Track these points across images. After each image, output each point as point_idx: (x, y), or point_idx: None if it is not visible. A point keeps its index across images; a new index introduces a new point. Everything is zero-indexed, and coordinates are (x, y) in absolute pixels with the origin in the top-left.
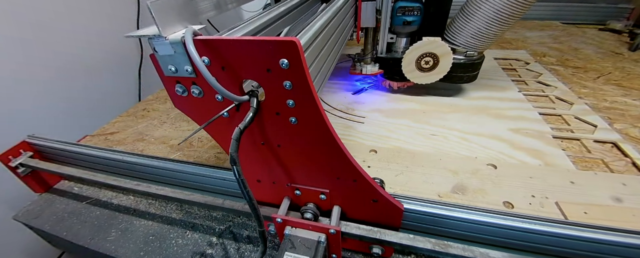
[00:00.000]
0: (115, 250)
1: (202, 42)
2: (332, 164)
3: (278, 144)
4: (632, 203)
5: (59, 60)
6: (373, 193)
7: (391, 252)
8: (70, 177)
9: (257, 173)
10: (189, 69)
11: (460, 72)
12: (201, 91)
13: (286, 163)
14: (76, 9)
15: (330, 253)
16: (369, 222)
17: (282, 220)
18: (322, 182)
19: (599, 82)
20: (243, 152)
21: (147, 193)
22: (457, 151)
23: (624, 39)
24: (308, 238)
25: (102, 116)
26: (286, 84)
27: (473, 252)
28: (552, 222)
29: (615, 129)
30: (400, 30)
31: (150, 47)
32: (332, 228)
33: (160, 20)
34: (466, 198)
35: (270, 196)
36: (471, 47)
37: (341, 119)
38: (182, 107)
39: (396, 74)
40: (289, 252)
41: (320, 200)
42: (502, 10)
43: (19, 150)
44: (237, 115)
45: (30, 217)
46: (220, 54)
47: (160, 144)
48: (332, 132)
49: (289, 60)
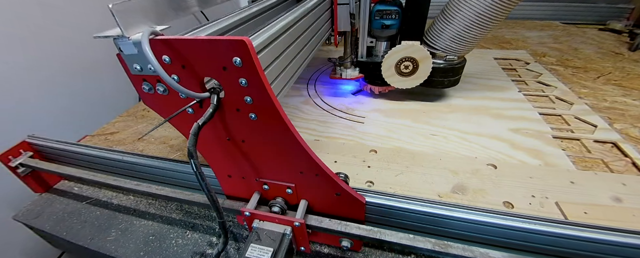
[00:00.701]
0: (115, 250)
1: (161, 41)
2: (294, 159)
3: (242, 140)
4: (632, 203)
5: (59, 60)
6: (335, 187)
7: (360, 245)
8: (70, 177)
9: (227, 169)
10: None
11: (441, 76)
12: (166, 88)
13: (252, 158)
14: (76, 8)
15: (298, 246)
16: (336, 216)
17: (250, 214)
18: (287, 177)
19: (599, 82)
20: (212, 148)
21: (147, 193)
22: (457, 151)
23: (624, 39)
24: (274, 230)
25: (102, 116)
26: (242, 81)
27: (473, 252)
28: (552, 222)
29: (615, 129)
30: (379, 34)
31: (116, 46)
32: (296, 221)
33: (122, 21)
34: (466, 198)
35: (241, 191)
36: (451, 51)
37: (341, 118)
38: (150, 104)
39: (377, 78)
40: (255, 244)
41: (287, 194)
42: (483, 14)
43: (19, 150)
44: (201, 111)
45: (30, 217)
46: (180, 53)
47: (160, 144)
48: (289, 128)
49: (242, 59)
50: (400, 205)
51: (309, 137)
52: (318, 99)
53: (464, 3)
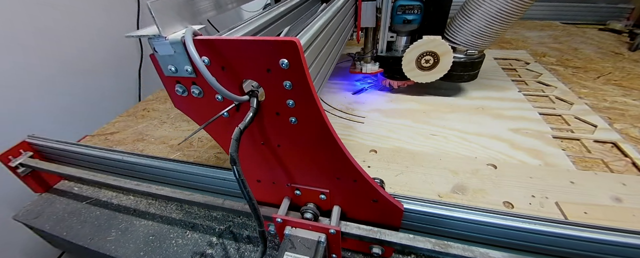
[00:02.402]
0: (115, 250)
1: (201, 42)
2: (332, 164)
3: (278, 144)
4: (632, 203)
5: (59, 60)
6: (373, 193)
7: (391, 252)
8: (70, 177)
9: (257, 174)
10: (189, 69)
11: (461, 70)
12: (201, 91)
13: (286, 163)
14: (76, 8)
15: (330, 253)
16: (369, 222)
17: (282, 220)
18: (322, 182)
19: (599, 82)
20: (243, 152)
21: (147, 193)
22: (457, 151)
23: (624, 39)
24: (308, 238)
25: (102, 116)
26: (286, 84)
27: (473, 252)
28: (552, 222)
29: (615, 129)
30: (401, 29)
31: (150, 47)
32: (332, 228)
33: (160, 20)
34: (466, 198)
35: (270, 196)
36: (471, 45)
37: (341, 118)
38: (182, 107)
39: (396, 72)
40: (289, 252)
41: (320, 200)
42: (503, 9)
43: (19, 150)
44: (237, 115)
45: (30, 217)
46: (220, 54)
47: (160, 144)
48: (332, 132)
49: (289, 60)
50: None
51: None
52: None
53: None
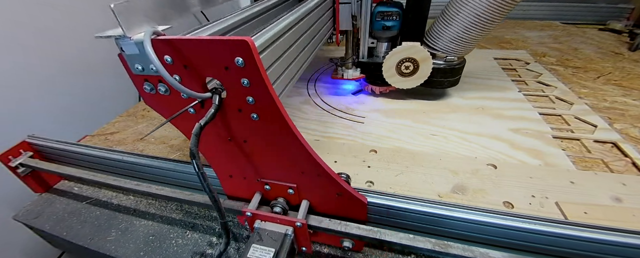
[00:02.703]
0: (115, 250)
1: (163, 41)
2: (295, 159)
3: (244, 140)
4: (632, 203)
5: (59, 60)
6: (337, 187)
7: (361, 245)
8: (70, 177)
9: (229, 169)
10: (154, 68)
11: (441, 77)
12: (167, 89)
13: (254, 158)
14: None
15: (299, 246)
16: (337, 216)
17: (252, 214)
18: (289, 177)
19: (599, 82)
20: (214, 148)
21: (147, 193)
22: (457, 151)
23: (624, 39)
24: (276, 231)
25: (102, 116)
26: (244, 81)
27: (473, 252)
28: (552, 222)
29: (615, 129)
30: (380, 35)
31: (118, 46)
32: (298, 222)
33: (124, 21)
34: (466, 198)
35: (243, 191)
36: (451, 52)
37: (341, 119)
38: (151, 104)
39: (377, 78)
40: (256, 244)
41: (288, 194)
42: (482, 15)
43: (19, 150)
44: (203, 111)
45: (30, 217)
46: (181, 53)
47: (160, 144)
48: (291, 128)
49: (244, 59)
50: (402, 205)
51: (309, 137)
52: (318, 99)
53: (463, 5)
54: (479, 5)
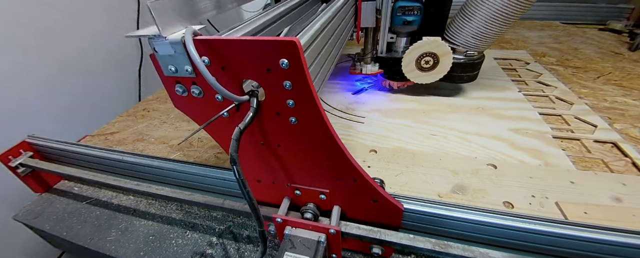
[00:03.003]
0: (115, 250)
1: (202, 42)
2: (332, 164)
3: (278, 144)
4: (632, 203)
5: (59, 60)
6: (373, 193)
7: (391, 252)
8: (70, 177)
9: (257, 174)
10: (189, 69)
11: (460, 71)
12: (201, 91)
13: (286, 163)
14: (76, 8)
15: (330, 253)
16: (369, 222)
17: (282, 220)
18: (322, 182)
19: (599, 82)
20: (243, 152)
21: (147, 193)
22: (457, 151)
23: (624, 39)
24: (308, 238)
25: (102, 116)
26: (286, 84)
27: (473, 252)
28: (552, 222)
29: (615, 128)
30: (400, 30)
31: (150, 47)
32: (332, 228)
33: (160, 20)
34: (466, 198)
35: (270, 196)
36: (471, 46)
37: (341, 118)
38: (182, 107)
39: (396, 73)
40: (289, 252)
41: (320, 200)
42: (502, 10)
43: (19, 150)
44: (237, 115)
45: (30, 217)
46: (220, 54)
47: (160, 144)
48: (332, 133)
49: (289, 60)
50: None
51: None
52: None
53: (484, 1)
54: (499, 1)
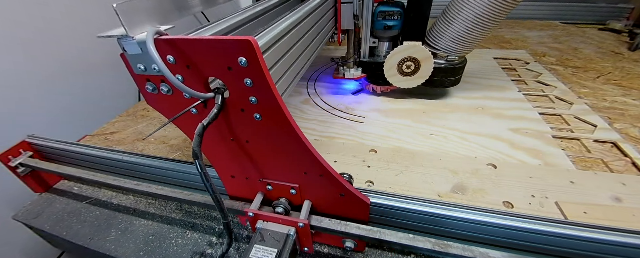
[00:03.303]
0: (115, 250)
1: (166, 42)
2: (298, 160)
3: (246, 140)
4: (632, 203)
5: (59, 60)
6: (339, 188)
7: (363, 245)
8: (70, 177)
9: (231, 169)
10: (157, 68)
11: (442, 76)
12: (170, 89)
13: (256, 159)
14: (76, 8)
15: (301, 247)
16: (339, 216)
17: (254, 215)
18: (291, 177)
19: (599, 82)
20: (216, 149)
21: (147, 193)
22: (457, 151)
23: (624, 39)
24: (278, 231)
25: (102, 116)
26: (247, 81)
27: (473, 252)
28: (552, 222)
29: (615, 128)
30: (382, 35)
31: (120, 46)
32: (301, 222)
33: (126, 21)
34: (466, 198)
35: (245, 191)
36: (452, 51)
37: (341, 119)
38: (154, 104)
39: (379, 78)
40: (259, 245)
41: (291, 195)
42: (483, 15)
43: (19, 150)
44: (206, 112)
45: (30, 217)
46: (184, 53)
47: (160, 144)
48: (295, 128)
49: (247, 59)
50: (402, 205)
51: (310, 137)
52: (318, 99)
53: (465, 5)
54: (480, 5)
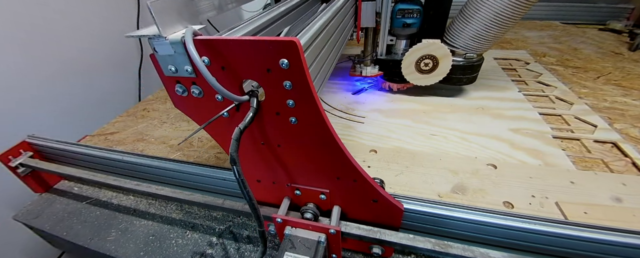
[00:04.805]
0: (115, 250)
1: (202, 42)
2: (332, 164)
3: (278, 144)
4: (632, 203)
5: (59, 60)
6: (373, 193)
7: (391, 251)
8: (70, 177)
9: (257, 174)
10: (189, 69)
11: (460, 74)
12: (201, 91)
13: (286, 163)
14: (76, 8)
15: (330, 254)
16: (369, 222)
17: (282, 220)
18: (322, 182)
19: (599, 82)
20: (243, 152)
21: (147, 193)
22: (457, 151)
23: (624, 39)
24: (308, 238)
25: (102, 116)
26: (286, 84)
27: (473, 252)
28: (552, 222)
29: (615, 128)
30: (400, 33)
31: (150, 47)
32: (332, 229)
33: (160, 20)
34: (466, 198)
35: (270, 196)
36: (470, 49)
37: (341, 118)
38: (182, 107)
39: (396, 75)
40: (289, 252)
41: (320, 200)
42: (501, 13)
43: (19, 150)
44: (237, 115)
45: (30, 217)
46: (220, 54)
47: (160, 144)
48: (332, 132)
49: (289, 60)
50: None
51: None
52: None
53: (483, 3)
54: (498, 3)
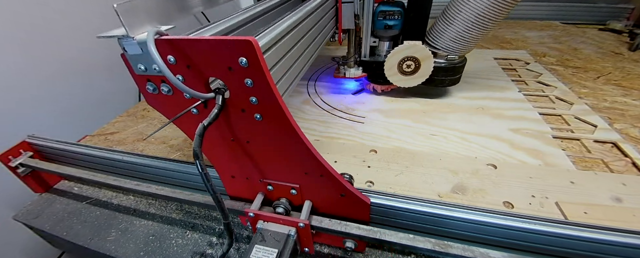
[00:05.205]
0: (115, 250)
1: (166, 42)
2: (299, 160)
3: (247, 140)
4: (632, 203)
5: (59, 60)
6: (340, 188)
7: (364, 245)
8: (70, 177)
9: (231, 169)
10: (157, 68)
11: (442, 75)
12: (170, 89)
13: (257, 159)
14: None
15: (301, 247)
16: (341, 217)
17: (255, 215)
18: (291, 178)
19: (599, 82)
20: (216, 149)
21: (147, 193)
22: (457, 151)
23: (624, 39)
24: (278, 231)
25: (102, 116)
26: (247, 81)
27: (473, 252)
28: (552, 222)
29: (615, 128)
30: (382, 34)
31: (120, 46)
32: (301, 222)
33: (126, 21)
34: (466, 198)
35: (245, 191)
36: (452, 50)
37: (341, 118)
38: (154, 104)
39: (379, 77)
40: (259, 245)
41: (291, 195)
42: (483, 14)
43: (19, 150)
44: (206, 112)
45: (30, 217)
46: (184, 53)
47: (160, 144)
48: (295, 128)
49: (248, 59)
50: (403, 205)
51: (310, 137)
52: (318, 99)
53: (464, 4)
54: (480, 4)
